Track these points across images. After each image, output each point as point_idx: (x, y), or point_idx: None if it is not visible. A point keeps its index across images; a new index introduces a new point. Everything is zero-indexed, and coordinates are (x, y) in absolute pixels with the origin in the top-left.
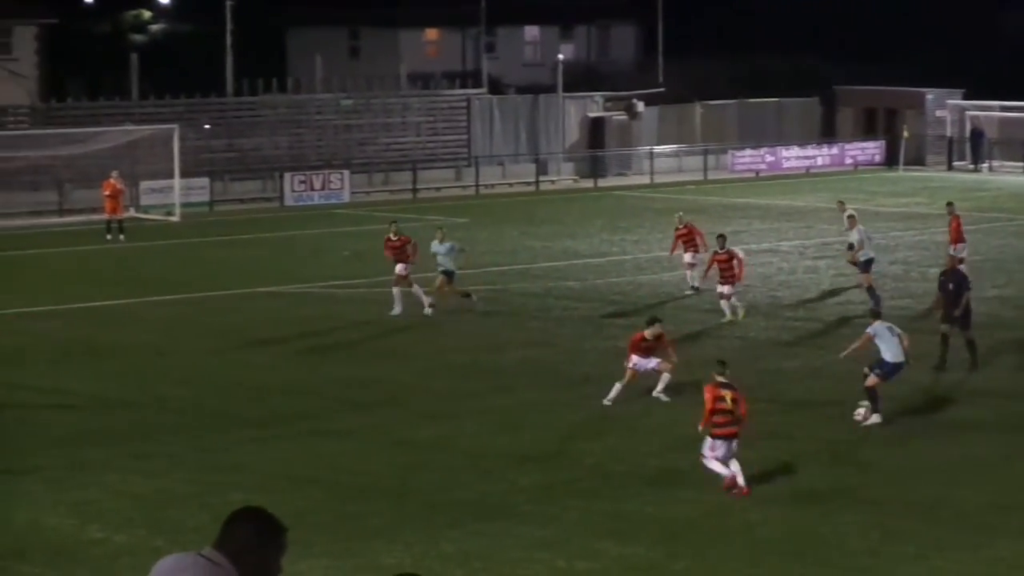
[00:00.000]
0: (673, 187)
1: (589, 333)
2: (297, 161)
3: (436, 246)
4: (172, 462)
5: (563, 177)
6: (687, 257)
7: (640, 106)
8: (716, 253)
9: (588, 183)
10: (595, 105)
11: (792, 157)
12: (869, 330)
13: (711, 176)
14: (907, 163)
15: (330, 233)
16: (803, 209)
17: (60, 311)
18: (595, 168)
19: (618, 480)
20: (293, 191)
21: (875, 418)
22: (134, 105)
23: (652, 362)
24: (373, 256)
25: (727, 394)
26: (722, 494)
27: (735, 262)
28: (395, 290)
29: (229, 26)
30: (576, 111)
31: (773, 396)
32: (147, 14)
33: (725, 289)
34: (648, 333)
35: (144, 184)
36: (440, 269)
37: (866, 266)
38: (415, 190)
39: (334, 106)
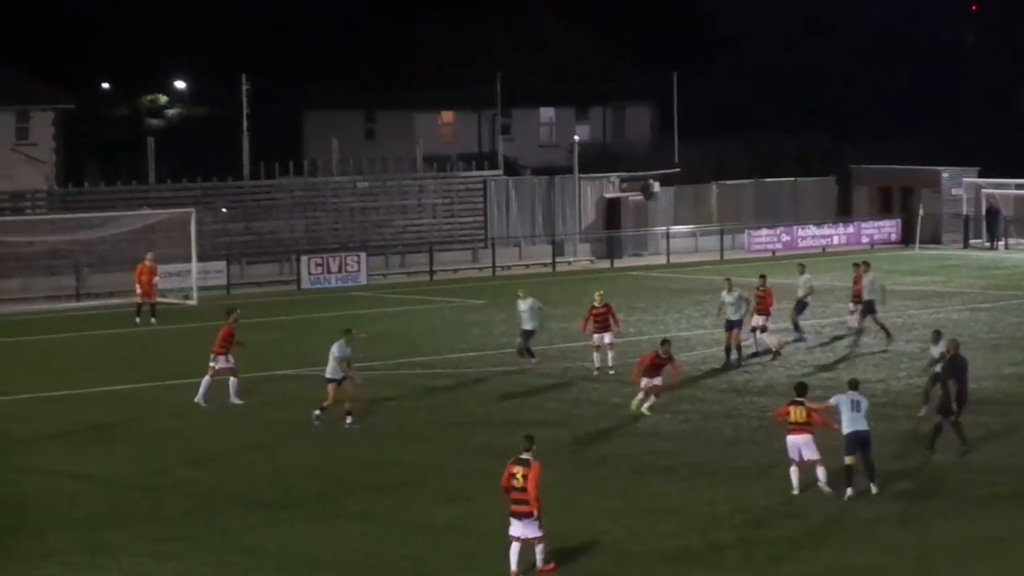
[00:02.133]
0: (690, 267)
1: (606, 414)
2: (314, 244)
3: (522, 305)
4: (189, 545)
5: (579, 258)
6: (597, 338)
7: (656, 186)
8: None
9: (604, 263)
10: (611, 186)
11: (808, 236)
12: (832, 400)
13: (728, 256)
14: (923, 241)
15: (347, 316)
16: (819, 288)
17: (77, 395)
18: (611, 249)
19: (636, 560)
20: (310, 274)
21: (848, 492)
22: (151, 189)
23: (657, 380)
24: (389, 338)
25: (519, 471)
26: (741, 573)
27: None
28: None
29: (245, 110)
30: (592, 192)
31: (789, 475)
32: (163, 98)
33: (759, 320)
34: (662, 351)
35: (161, 268)
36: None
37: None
38: (432, 272)
39: (350, 188)
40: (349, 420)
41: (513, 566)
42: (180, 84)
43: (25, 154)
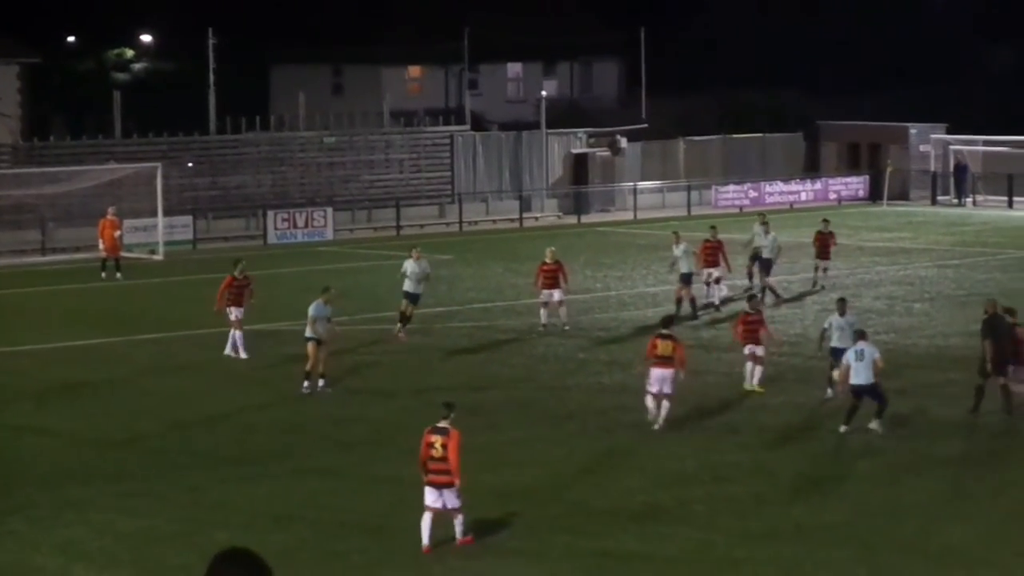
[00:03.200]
0: (657, 223)
1: (573, 369)
2: (280, 199)
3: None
4: (156, 501)
5: (546, 214)
6: (546, 294)
7: (623, 142)
8: (706, 242)
9: (572, 219)
10: (578, 141)
11: (776, 192)
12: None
13: (695, 212)
14: (891, 198)
15: (313, 271)
16: (787, 244)
17: (42, 350)
18: (578, 204)
19: (603, 517)
20: (276, 229)
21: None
22: (117, 143)
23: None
24: (356, 294)
25: (436, 439)
26: (708, 530)
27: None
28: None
29: (212, 64)
30: (559, 148)
31: (758, 431)
32: (130, 52)
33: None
34: (750, 307)
35: (127, 223)
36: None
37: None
38: (399, 227)
39: (317, 143)
40: (322, 383)
41: (425, 539)
42: (146, 38)
43: None
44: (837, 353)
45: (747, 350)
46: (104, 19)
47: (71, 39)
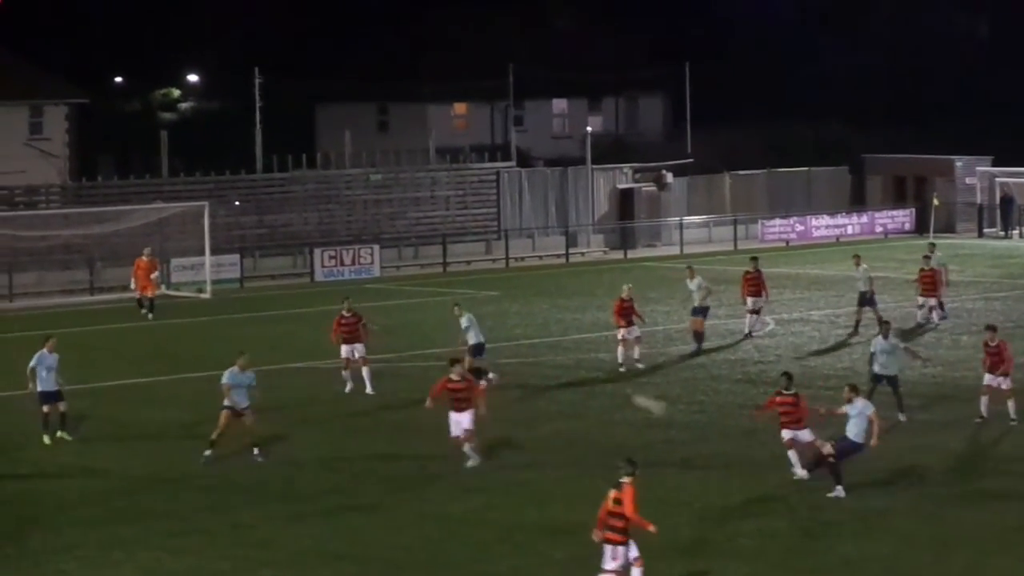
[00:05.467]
0: (703, 257)
1: (620, 404)
2: (327, 236)
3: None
4: (204, 539)
5: (593, 249)
6: (624, 332)
7: (669, 177)
8: (747, 273)
9: (618, 255)
10: (624, 177)
11: (822, 226)
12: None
13: (741, 246)
14: (937, 230)
15: (360, 308)
16: (833, 278)
17: (90, 389)
18: (624, 240)
19: (651, 552)
20: (323, 266)
21: (838, 491)
22: (164, 183)
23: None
24: (403, 331)
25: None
26: (756, 564)
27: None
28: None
29: (258, 103)
30: (605, 183)
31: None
32: (176, 92)
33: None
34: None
35: (175, 261)
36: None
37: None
38: (445, 264)
39: (363, 181)
40: (256, 452)
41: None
42: (193, 78)
43: (39, 149)
44: (879, 380)
45: (785, 435)
46: (151, 60)
47: (118, 80)
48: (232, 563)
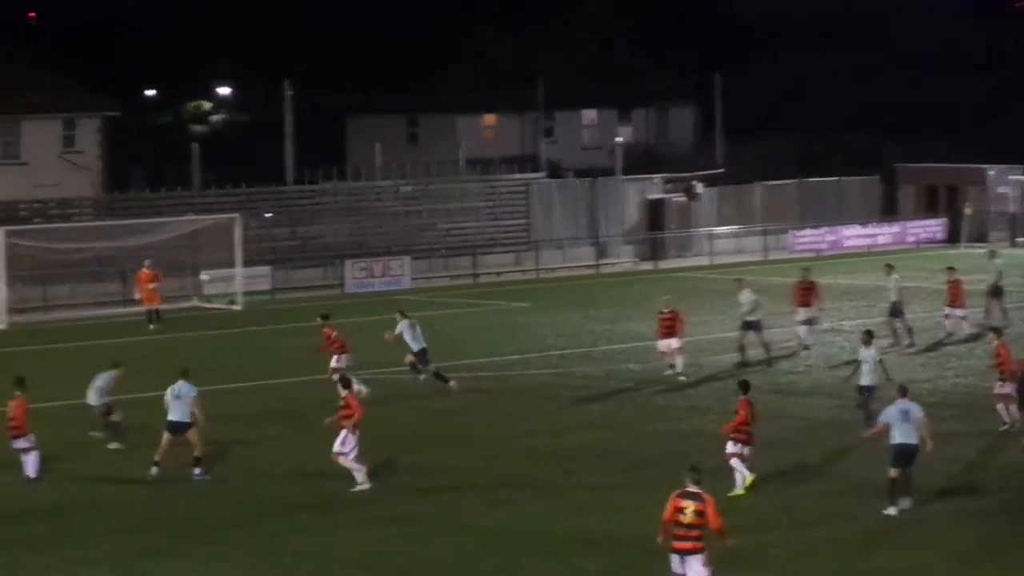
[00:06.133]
0: (733, 268)
1: (651, 415)
2: (358, 248)
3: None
4: (234, 549)
5: (623, 260)
6: (663, 344)
7: (699, 187)
8: (799, 283)
9: (648, 265)
10: (654, 187)
11: (853, 236)
12: (881, 419)
13: (771, 256)
14: (969, 240)
15: (392, 320)
16: (865, 288)
17: (123, 401)
18: (655, 250)
19: None
20: (354, 278)
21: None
22: (196, 195)
23: None
24: (435, 342)
25: (688, 505)
26: (784, 575)
27: None
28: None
29: (288, 115)
30: (635, 193)
31: (836, 476)
32: (207, 105)
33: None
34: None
35: (206, 273)
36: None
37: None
38: (476, 275)
39: (394, 192)
40: (197, 472)
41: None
42: (224, 90)
43: (72, 162)
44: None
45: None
46: (182, 72)
47: (150, 92)
48: (264, 573)
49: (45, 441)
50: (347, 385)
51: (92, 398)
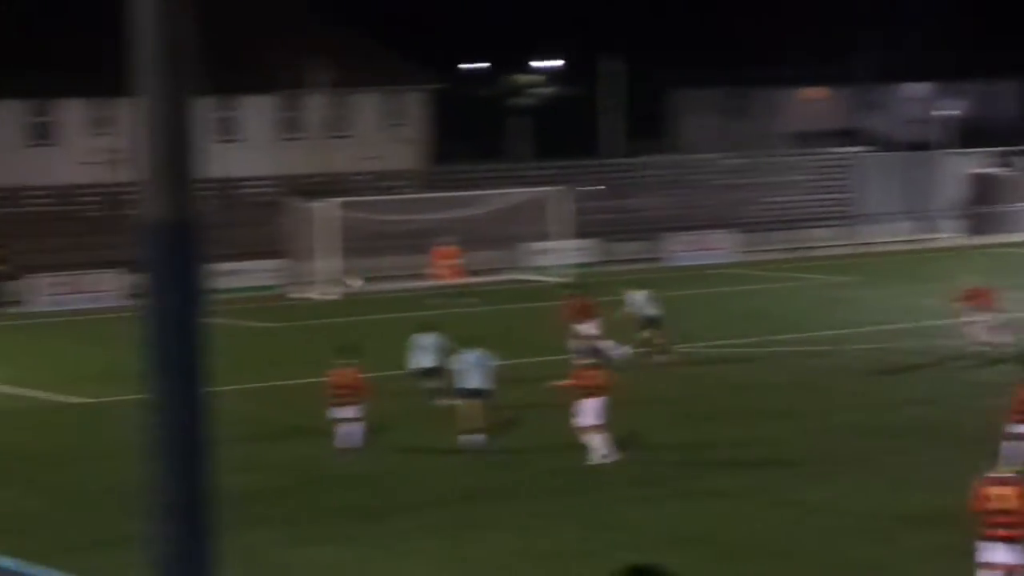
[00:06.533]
0: None
1: (982, 391)
2: (680, 221)
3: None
4: (556, 521)
5: (948, 234)
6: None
7: (1017, 161)
8: None
9: (974, 240)
10: (979, 161)
11: None
12: None
13: None
14: None
15: (713, 293)
16: None
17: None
18: (981, 225)
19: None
20: (675, 251)
21: None
22: (518, 168)
23: None
24: (757, 316)
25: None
26: None
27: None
28: None
29: (611, 88)
30: (959, 167)
31: None
32: (531, 78)
33: None
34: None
35: (528, 246)
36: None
37: None
38: (796, 248)
39: (717, 166)
40: (478, 439)
41: None
42: (547, 63)
43: (397, 134)
44: None
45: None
46: (506, 45)
47: (474, 65)
48: (585, 545)
49: (372, 411)
50: (594, 355)
51: (421, 361)
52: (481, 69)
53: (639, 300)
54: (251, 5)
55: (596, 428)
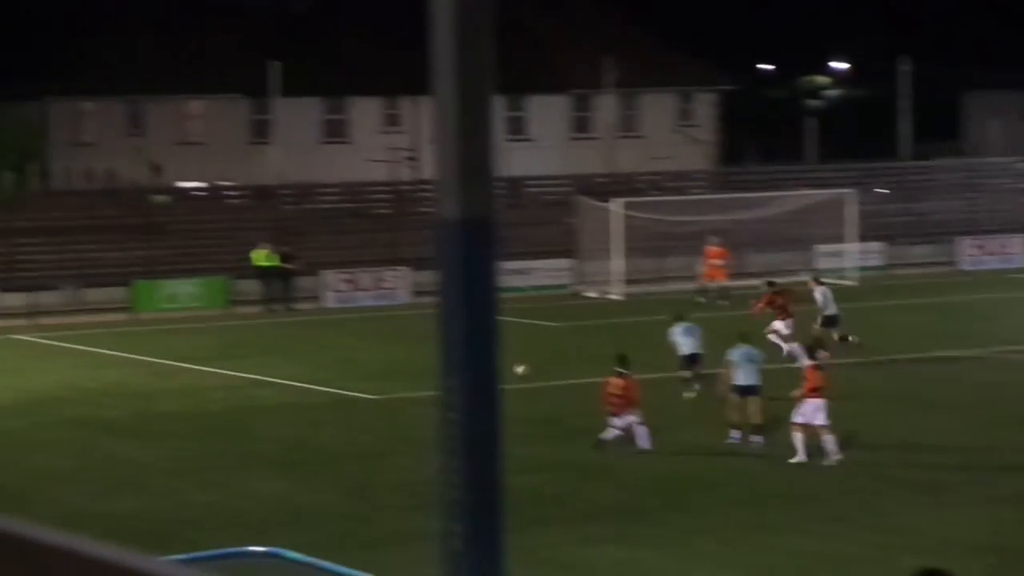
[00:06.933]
0: None
1: None
2: (971, 225)
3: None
4: (845, 525)
5: None
6: None
7: None
8: None
9: None
10: None
11: None
12: None
13: None
14: None
15: (1006, 298)
16: None
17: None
18: None
19: None
20: (967, 255)
21: None
22: (809, 170)
23: None
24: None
25: None
26: None
27: None
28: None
29: (904, 91)
30: None
31: None
32: (822, 80)
33: None
34: None
35: (818, 248)
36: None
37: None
38: None
39: (1012, 169)
40: (757, 439)
41: None
42: (839, 65)
43: (688, 135)
44: None
45: None
46: (799, 47)
47: (766, 67)
48: (874, 549)
49: (661, 411)
50: (812, 355)
51: (681, 349)
52: (768, 71)
53: (823, 297)
54: (543, 5)
55: (824, 428)
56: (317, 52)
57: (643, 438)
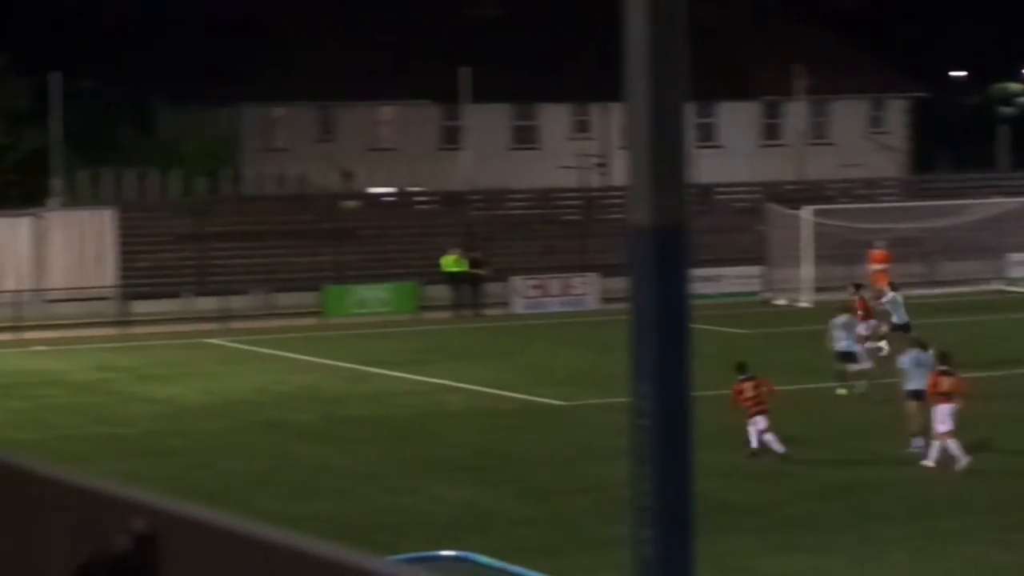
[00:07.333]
0: None
1: None
2: None
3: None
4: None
5: None
6: None
7: None
8: None
9: None
10: None
11: None
12: None
13: None
14: None
15: None
16: None
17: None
18: None
19: None
20: None
21: None
22: (1001, 177)
23: None
24: None
25: None
26: None
27: None
28: None
29: None
30: None
31: None
32: (1016, 86)
33: None
34: None
35: (1010, 257)
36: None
37: None
38: None
39: None
40: (918, 444)
41: None
42: None
43: (879, 142)
44: None
45: None
46: (991, 53)
47: (958, 73)
48: None
49: (848, 421)
50: (943, 361)
51: (837, 343)
52: (960, 78)
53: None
54: (733, 11)
55: (949, 434)
56: (507, 58)
57: (774, 443)
